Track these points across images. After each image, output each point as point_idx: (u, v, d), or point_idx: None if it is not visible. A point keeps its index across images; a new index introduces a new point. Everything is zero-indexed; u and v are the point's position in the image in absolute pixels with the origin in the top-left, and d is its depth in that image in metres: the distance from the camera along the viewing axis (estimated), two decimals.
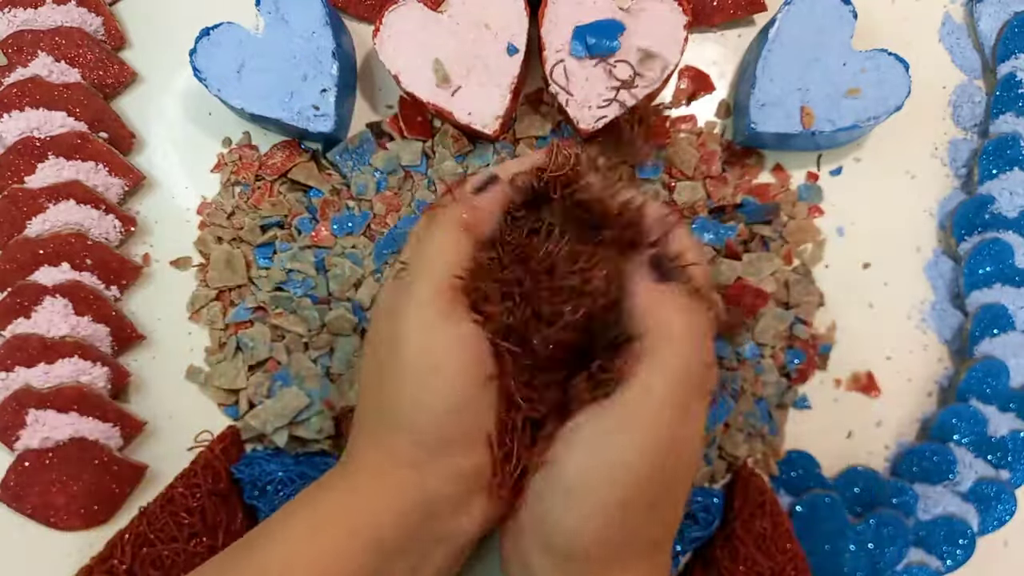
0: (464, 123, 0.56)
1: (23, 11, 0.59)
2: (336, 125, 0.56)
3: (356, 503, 0.32)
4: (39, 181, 0.57)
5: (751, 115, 0.56)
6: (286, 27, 0.57)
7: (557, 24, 0.56)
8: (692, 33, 0.59)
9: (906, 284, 0.60)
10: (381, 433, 0.34)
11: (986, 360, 0.56)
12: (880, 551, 0.53)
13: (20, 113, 0.58)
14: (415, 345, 0.33)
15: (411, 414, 0.33)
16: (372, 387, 0.36)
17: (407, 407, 0.33)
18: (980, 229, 0.58)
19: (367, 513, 0.32)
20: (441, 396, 0.33)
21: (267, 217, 0.59)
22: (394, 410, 0.34)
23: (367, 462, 0.34)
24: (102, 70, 0.60)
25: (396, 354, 0.33)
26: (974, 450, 0.55)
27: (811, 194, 0.60)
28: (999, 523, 0.54)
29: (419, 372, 0.33)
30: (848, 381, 0.58)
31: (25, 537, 0.55)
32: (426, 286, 0.34)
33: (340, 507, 0.32)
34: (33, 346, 0.55)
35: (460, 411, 0.33)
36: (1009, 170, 0.58)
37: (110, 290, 0.58)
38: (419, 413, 0.33)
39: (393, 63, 0.56)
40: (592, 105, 0.56)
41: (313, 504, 0.33)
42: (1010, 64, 0.60)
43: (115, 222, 0.58)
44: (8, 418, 0.54)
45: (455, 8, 0.57)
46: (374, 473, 0.33)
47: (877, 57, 0.57)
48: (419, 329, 0.33)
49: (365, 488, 0.33)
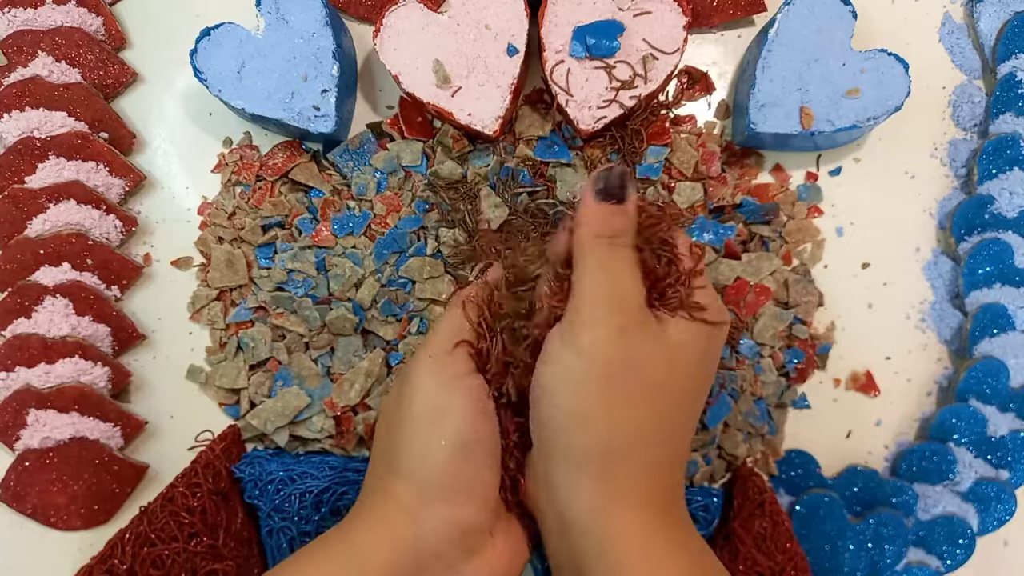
0: (464, 123, 0.56)
1: (23, 11, 0.59)
2: (337, 125, 0.56)
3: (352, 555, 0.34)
4: (40, 181, 0.57)
5: (750, 115, 0.56)
6: (287, 27, 0.57)
7: (557, 25, 0.56)
8: (692, 33, 0.59)
9: (905, 284, 0.60)
10: (388, 480, 0.35)
11: (986, 360, 0.56)
12: (879, 551, 0.53)
13: (20, 113, 0.58)
14: (422, 394, 0.35)
15: (417, 458, 0.35)
16: (381, 437, 0.38)
17: (414, 450, 0.35)
18: (980, 229, 0.58)
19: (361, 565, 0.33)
20: (446, 438, 0.34)
21: (268, 217, 0.59)
22: (400, 455, 0.35)
23: (370, 509, 0.36)
24: (102, 70, 0.60)
25: (404, 405, 0.36)
26: (974, 450, 0.55)
27: (810, 194, 0.60)
28: (999, 523, 0.54)
29: (425, 418, 0.35)
30: (847, 381, 0.58)
31: (25, 537, 0.55)
32: (434, 345, 0.37)
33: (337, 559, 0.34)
34: (34, 346, 0.55)
35: (463, 456, 0.34)
36: (1009, 170, 0.58)
37: (111, 290, 0.58)
38: (424, 457, 0.34)
39: (393, 64, 0.56)
40: (592, 106, 0.56)
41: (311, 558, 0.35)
42: (1010, 64, 0.60)
43: (116, 222, 0.58)
44: (8, 418, 0.54)
45: (455, 9, 0.57)
46: (374, 522, 0.35)
47: (877, 57, 0.57)
48: (427, 380, 0.35)
49: (362, 541, 0.34)
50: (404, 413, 0.36)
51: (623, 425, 0.34)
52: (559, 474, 0.34)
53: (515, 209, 0.57)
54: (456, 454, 0.34)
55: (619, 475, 0.34)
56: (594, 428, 0.33)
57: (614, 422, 0.33)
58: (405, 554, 0.34)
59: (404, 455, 0.35)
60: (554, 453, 0.34)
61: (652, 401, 0.34)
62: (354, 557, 0.33)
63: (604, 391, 0.33)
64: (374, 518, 0.35)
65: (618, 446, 0.34)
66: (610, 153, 0.59)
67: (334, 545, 0.34)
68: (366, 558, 0.33)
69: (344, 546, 0.34)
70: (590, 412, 0.33)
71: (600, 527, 0.33)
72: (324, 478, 0.53)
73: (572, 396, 0.33)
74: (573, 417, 0.33)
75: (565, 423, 0.33)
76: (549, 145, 0.59)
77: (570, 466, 0.34)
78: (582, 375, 0.33)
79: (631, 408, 0.34)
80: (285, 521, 0.52)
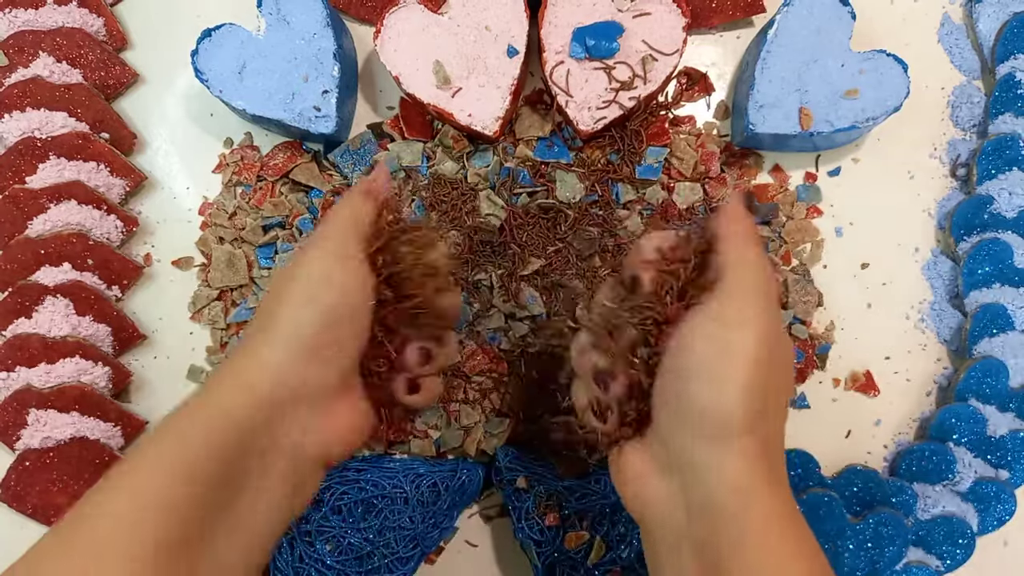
0: (464, 124, 0.56)
1: (24, 12, 0.59)
2: (337, 126, 0.57)
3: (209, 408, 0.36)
4: (40, 181, 0.57)
5: (750, 116, 0.56)
6: (287, 28, 0.57)
7: (557, 26, 0.56)
8: (691, 34, 0.59)
9: (905, 284, 0.60)
10: (257, 339, 0.38)
11: (985, 360, 0.56)
12: (879, 550, 0.53)
13: (21, 113, 0.58)
14: (311, 265, 0.38)
15: (289, 320, 0.37)
16: (263, 305, 0.40)
17: (289, 312, 0.37)
18: (979, 229, 0.58)
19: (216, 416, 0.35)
20: (321, 305, 0.37)
21: (269, 217, 0.59)
22: (275, 316, 0.37)
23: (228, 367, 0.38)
24: (103, 71, 0.60)
25: (293, 274, 0.38)
26: (973, 450, 0.55)
27: (810, 195, 0.60)
28: (999, 523, 0.54)
29: (308, 284, 0.38)
30: (847, 381, 0.58)
31: (25, 537, 0.55)
32: (331, 230, 0.39)
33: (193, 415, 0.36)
34: (34, 346, 0.55)
35: (333, 324, 0.37)
36: (1008, 170, 0.58)
37: (111, 290, 0.58)
38: (297, 318, 0.37)
39: (394, 64, 0.56)
40: (591, 106, 0.56)
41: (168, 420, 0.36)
42: (1009, 64, 0.60)
43: (117, 222, 0.58)
44: (9, 418, 0.54)
45: (455, 10, 0.57)
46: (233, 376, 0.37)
47: (876, 58, 0.57)
48: (318, 254, 0.38)
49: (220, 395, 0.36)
50: (290, 280, 0.38)
51: (776, 393, 0.37)
52: (701, 452, 0.35)
53: (515, 212, 0.57)
54: (326, 319, 0.37)
55: (765, 447, 0.36)
56: (760, 395, 0.35)
57: (769, 390, 0.36)
58: (258, 406, 0.35)
59: (279, 316, 0.37)
60: (702, 430, 0.35)
61: (788, 372, 0.38)
62: (211, 409, 0.35)
63: (765, 362, 0.36)
64: (233, 373, 0.37)
65: (771, 414, 0.36)
66: (610, 154, 0.59)
67: (192, 405, 0.36)
68: (222, 409, 0.35)
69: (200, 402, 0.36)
70: (756, 382, 0.35)
71: (738, 511, 0.34)
72: (324, 478, 0.53)
73: (740, 368, 0.35)
74: (743, 388, 0.35)
75: (734, 395, 0.35)
76: (549, 146, 0.59)
77: (718, 442, 0.35)
78: (751, 347, 0.35)
79: (779, 377, 0.37)
80: None
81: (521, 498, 0.53)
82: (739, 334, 0.35)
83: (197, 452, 0.33)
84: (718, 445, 0.35)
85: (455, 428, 0.56)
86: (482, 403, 0.56)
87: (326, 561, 0.52)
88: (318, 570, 0.52)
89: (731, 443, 0.35)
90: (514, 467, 0.54)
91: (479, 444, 0.56)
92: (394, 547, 0.52)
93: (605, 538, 0.52)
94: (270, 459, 0.36)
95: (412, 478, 0.53)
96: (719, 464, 0.35)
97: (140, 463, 0.33)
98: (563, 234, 0.57)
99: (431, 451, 0.56)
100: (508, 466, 0.54)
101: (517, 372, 0.56)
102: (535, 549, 0.52)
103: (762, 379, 0.35)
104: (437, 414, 0.56)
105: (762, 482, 0.35)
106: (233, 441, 0.34)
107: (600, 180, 0.58)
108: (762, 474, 0.35)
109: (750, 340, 0.35)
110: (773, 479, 0.36)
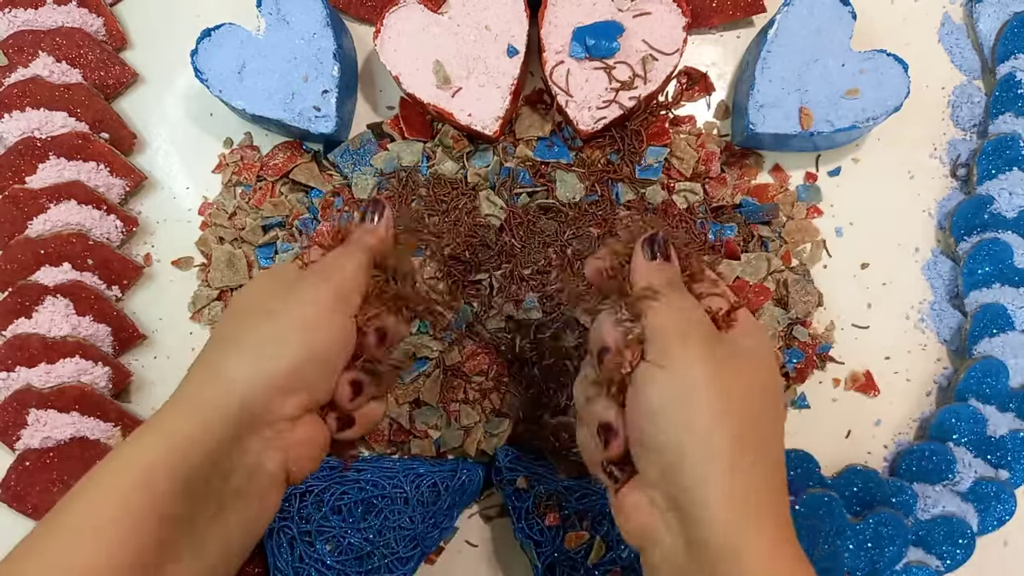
0: (464, 124, 0.56)
1: (24, 11, 0.59)
2: (337, 126, 0.57)
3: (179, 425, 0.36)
4: (40, 181, 0.57)
5: (750, 116, 0.56)
6: (287, 28, 0.57)
7: (557, 26, 0.56)
8: (691, 34, 0.59)
9: (905, 284, 0.60)
10: (228, 361, 0.37)
11: (985, 360, 0.56)
12: (879, 550, 0.53)
13: (21, 113, 0.58)
14: (307, 309, 0.38)
15: (277, 348, 0.37)
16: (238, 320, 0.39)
17: (276, 340, 0.37)
18: (979, 229, 0.58)
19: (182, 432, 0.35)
20: (311, 347, 0.37)
21: (268, 217, 0.59)
22: (257, 337, 0.37)
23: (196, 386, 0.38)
24: (103, 70, 0.60)
25: (284, 305, 0.38)
26: (973, 450, 0.55)
27: (810, 194, 0.60)
28: (999, 523, 0.54)
29: (303, 324, 0.38)
30: (847, 381, 0.58)
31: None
32: (334, 281, 0.39)
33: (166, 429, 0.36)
34: (34, 346, 0.55)
35: (316, 367, 0.37)
36: (1008, 170, 0.58)
37: (111, 290, 0.58)
38: (286, 348, 0.37)
39: (394, 64, 0.56)
40: (592, 106, 0.56)
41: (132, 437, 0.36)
42: (1009, 64, 0.60)
43: (116, 222, 0.58)
44: (9, 418, 0.54)
45: (455, 10, 0.57)
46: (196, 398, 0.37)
47: (876, 58, 0.57)
48: (313, 302, 0.38)
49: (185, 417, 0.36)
50: (273, 311, 0.38)
51: (753, 421, 0.36)
52: (689, 492, 0.35)
53: (515, 212, 0.57)
54: (305, 364, 0.37)
55: (752, 478, 0.35)
56: (730, 421, 0.35)
57: (744, 416, 0.36)
58: (221, 427, 0.35)
59: (255, 342, 0.37)
60: (683, 469, 0.35)
61: (764, 398, 0.37)
62: (173, 426, 0.35)
63: (725, 392, 0.36)
64: (198, 391, 0.37)
65: (752, 440, 0.36)
66: (610, 154, 0.59)
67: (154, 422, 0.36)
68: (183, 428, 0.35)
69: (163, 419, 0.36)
70: (721, 409, 0.35)
71: (734, 547, 0.34)
72: (324, 478, 0.53)
73: (700, 403, 0.35)
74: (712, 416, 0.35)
75: (704, 426, 0.35)
76: (549, 146, 0.59)
77: (701, 480, 0.35)
78: (704, 381, 0.35)
79: (752, 404, 0.37)
80: (285, 521, 0.52)
81: (521, 498, 0.53)
82: (684, 371, 0.36)
83: (157, 470, 0.33)
84: (700, 486, 0.35)
85: (455, 428, 0.56)
86: (482, 403, 0.56)
87: (326, 561, 0.52)
88: (318, 570, 0.52)
89: (715, 480, 0.34)
90: (514, 467, 0.54)
91: (479, 444, 0.56)
92: (394, 547, 0.52)
93: (605, 538, 0.52)
94: (233, 479, 0.36)
95: (412, 478, 0.53)
96: (705, 502, 0.34)
97: (97, 487, 0.33)
98: (563, 234, 0.57)
99: (431, 451, 0.56)
100: (508, 466, 0.54)
101: (517, 372, 0.56)
102: (535, 549, 0.52)
103: (714, 410, 0.35)
104: (437, 414, 0.56)
105: (756, 518, 0.34)
106: (194, 461, 0.34)
107: (600, 180, 0.58)
108: (757, 509, 0.35)
109: (694, 374, 0.35)
110: (769, 512, 0.35)
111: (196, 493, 0.34)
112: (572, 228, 0.57)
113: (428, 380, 0.56)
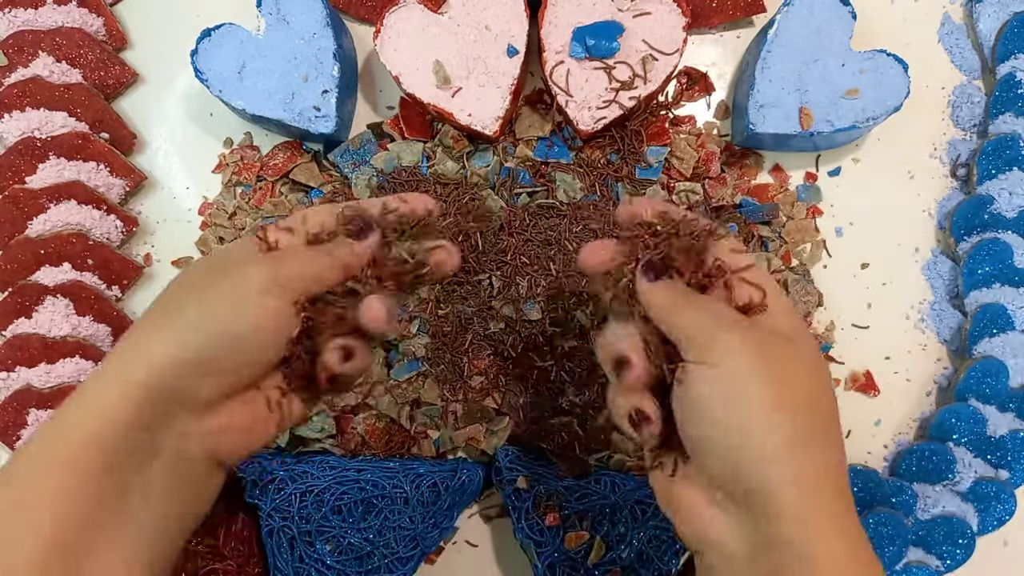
0: (464, 124, 0.56)
1: (24, 11, 0.59)
2: (337, 126, 0.57)
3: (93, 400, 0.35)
4: (40, 181, 0.57)
5: (750, 116, 0.56)
6: (287, 28, 0.57)
7: (557, 26, 0.56)
8: (691, 34, 0.59)
9: (905, 284, 0.60)
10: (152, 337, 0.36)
11: (985, 360, 0.56)
12: (879, 550, 0.53)
13: (21, 113, 0.58)
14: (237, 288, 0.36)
15: (205, 324, 0.36)
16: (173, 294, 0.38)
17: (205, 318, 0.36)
18: (979, 229, 0.58)
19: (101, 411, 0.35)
20: (226, 323, 0.36)
21: (268, 217, 0.59)
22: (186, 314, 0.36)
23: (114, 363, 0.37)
24: (103, 70, 0.60)
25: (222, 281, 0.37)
26: (973, 450, 0.55)
27: (810, 194, 0.60)
28: (999, 523, 0.54)
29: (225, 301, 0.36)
30: (847, 381, 0.58)
31: None
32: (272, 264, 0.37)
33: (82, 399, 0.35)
34: (34, 346, 0.55)
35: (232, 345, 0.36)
36: (1008, 170, 0.58)
37: (111, 290, 0.58)
38: (197, 324, 0.35)
39: (394, 64, 0.56)
40: (592, 106, 0.56)
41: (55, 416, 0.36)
42: (1009, 64, 0.60)
43: (116, 222, 0.58)
44: (9, 418, 0.54)
45: (455, 10, 0.57)
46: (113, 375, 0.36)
47: (876, 58, 0.57)
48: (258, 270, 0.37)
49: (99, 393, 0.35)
50: (209, 286, 0.37)
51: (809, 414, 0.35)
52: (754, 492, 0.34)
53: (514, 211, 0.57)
54: (229, 346, 0.36)
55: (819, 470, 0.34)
56: (788, 415, 0.34)
57: (796, 410, 0.34)
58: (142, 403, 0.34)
59: (182, 320, 0.36)
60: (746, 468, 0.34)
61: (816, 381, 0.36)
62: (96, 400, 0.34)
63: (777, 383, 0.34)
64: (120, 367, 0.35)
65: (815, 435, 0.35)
66: (610, 154, 0.59)
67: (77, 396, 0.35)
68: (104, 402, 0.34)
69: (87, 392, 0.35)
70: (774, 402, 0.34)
71: (808, 553, 0.33)
72: (324, 478, 0.53)
73: (754, 396, 0.34)
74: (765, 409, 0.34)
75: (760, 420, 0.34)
76: (549, 146, 0.59)
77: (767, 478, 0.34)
78: (754, 374, 0.34)
79: (806, 395, 0.35)
80: (285, 521, 0.52)
81: (521, 498, 0.53)
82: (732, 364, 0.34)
83: (77, 448, 0.33)
84: (766, 484, 0.33)
85: (455, 428, 0.56)
86: (482, 403, 0.56)
87: (326, 561, 0.52)
88: (318, 570, 0.52)
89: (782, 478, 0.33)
90: (514, 467, 0.54)
91: (479, 444, 0.56)
92: (394, 547, 0.52)
93: (605, 538, 0.52)
94: (161, 458, 0.35)
95: (412, 478, 0.53)
96: (774, 502, 0.33)
97: (20, 465, 0.33)
98: (563, 234, 0.57)
99: (431, 451, 0.56)
100: (508, 466, 0.54)
101: (517, 372, 0.56)
102: (535, 549, 0.52)
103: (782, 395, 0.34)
104: (437, 414, 0.56)
105: (826, 514, 0.33)
106: (116, 432, 0.33)
107: (600, 180, 0.58)
108: (825, 504, 0.34)
109: (743, 366, 0.34)
110: (840, 510, 0.34)
111: (120, 467, 0.33)
112: (572, 228, 0.57)
113: (428, 380, 0.56)
